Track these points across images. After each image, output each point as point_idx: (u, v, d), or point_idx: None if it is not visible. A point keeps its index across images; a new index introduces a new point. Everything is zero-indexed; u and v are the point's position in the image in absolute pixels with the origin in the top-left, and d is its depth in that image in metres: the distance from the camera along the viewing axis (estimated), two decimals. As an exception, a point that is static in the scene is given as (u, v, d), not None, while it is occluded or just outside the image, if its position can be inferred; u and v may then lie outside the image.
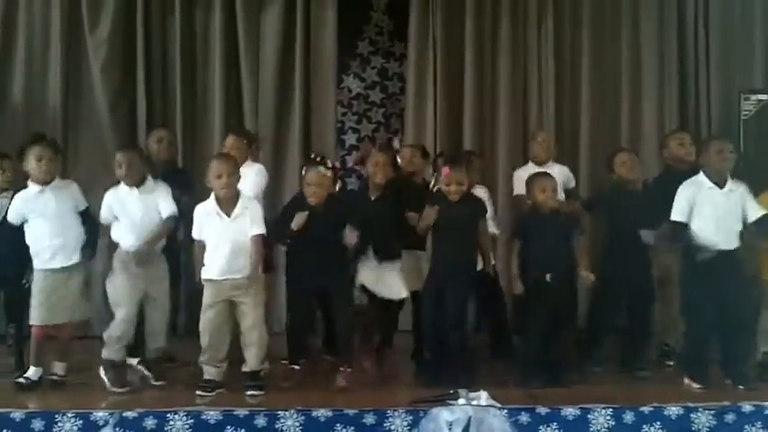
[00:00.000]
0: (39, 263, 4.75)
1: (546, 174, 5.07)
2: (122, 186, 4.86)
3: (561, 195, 5.62)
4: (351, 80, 7.23)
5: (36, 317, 4.71)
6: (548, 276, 4.77)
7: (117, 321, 4.74)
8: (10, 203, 5.07)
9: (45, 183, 4.77)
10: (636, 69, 6.97)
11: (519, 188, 5.73)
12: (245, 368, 4.66)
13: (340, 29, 6.84)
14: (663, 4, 6.98)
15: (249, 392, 4.55)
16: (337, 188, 5.28)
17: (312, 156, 5.42)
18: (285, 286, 5.14)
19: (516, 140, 6.82)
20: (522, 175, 5.66)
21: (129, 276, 4.76)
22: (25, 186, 4.84)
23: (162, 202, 4.83)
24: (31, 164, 4.76)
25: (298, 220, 4.77)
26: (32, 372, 4.72)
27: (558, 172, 5.72)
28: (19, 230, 4.81)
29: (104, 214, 4.86)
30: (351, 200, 5.19)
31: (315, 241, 4.80)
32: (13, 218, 4.81)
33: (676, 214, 4.82)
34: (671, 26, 6.97)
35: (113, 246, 4.90)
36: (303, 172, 4.98)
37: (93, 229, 4.90)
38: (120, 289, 4.76)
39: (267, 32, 6.80)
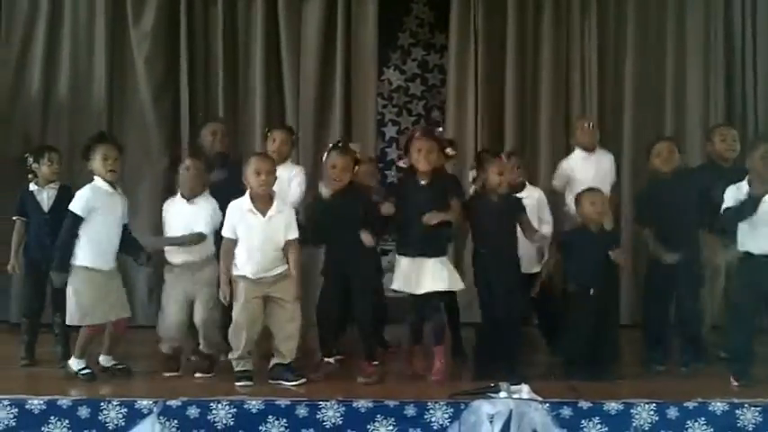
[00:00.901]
0: (90, 260, 4.76)
1: (598, 190, 4.98)
2: (177, 198, 5.00)
3: (611, 179, 5.66)
4: (391, 72, 7.23)
5: (87, 317, 4.75)
6: (591, 291, 4.77)
7: (166, 324, 4.92)
8: (56, 195, 5.22)
9: (113, 182, 4.85)
10: (681, 63, 6.85)
11: (560, 181, 5.67)
12: (278, 361, 4.68)
13: (380, 21, 6.82)
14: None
15: (289, 384, 4.58)
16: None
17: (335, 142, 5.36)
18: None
19: (559, 134, 6.75)
20: (568, 165, 5.62)
21: (174, 285, 4.93)
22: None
23: (202, 220, 4.91)
24: (97, 163, 4.81)
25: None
26: (78, 363, 4.79)
27: (608, 161, 5.72)
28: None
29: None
30: (396, 186, 5.03)
31: (338, 231, 4.77)
32: (81, 209, 4.75)
33: (727, 205, 4.71)
34: (717, 19, 6.83)
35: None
36: (324, 157, 4.91)
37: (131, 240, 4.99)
38: (167, 298, 4.95)
39: (308, 25, 6.81)
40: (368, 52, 6.83)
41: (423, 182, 4.76)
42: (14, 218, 5.34)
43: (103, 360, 4.93)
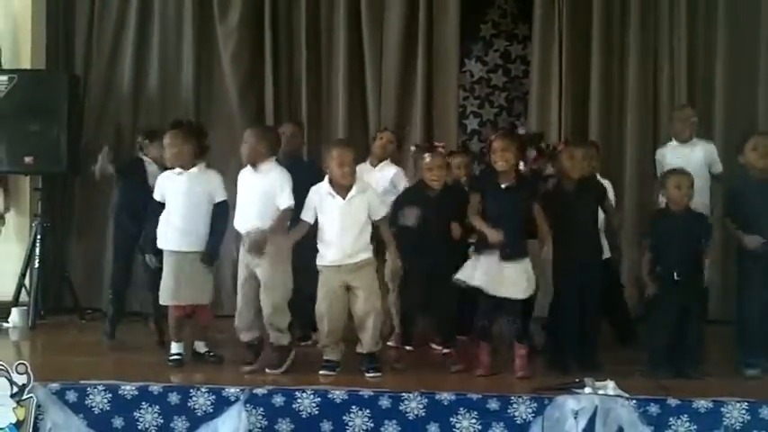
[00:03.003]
0: (164, 242, 4.89)
1: (683, 171, 4.83)
2: (247, 168, 4.87)
3: (704, 173, 5.46)
4: (473, 64, 7.20)
5: (163, 296, 4.90)
6: (675, 274, 4.62)
7: (237, 309, 4.87)
8: None
9: (180, 167, 4.90)
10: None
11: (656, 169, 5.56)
12: (360, 350, 4.72)
13: (463, 12, 6.79)
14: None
15: (369, 374, 4.61)
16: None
17: (422, 143, 5.43)
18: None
19: (646, 127, 6.60)
20: (661, 154, 5.56)
21: (241, 263, 4.83)
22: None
23: (278, 192, 4.73)
24: (164, 149, 4.96)
25: (411, 218, 4.80)
26: (174, 347, 4.91)
27: (703, 150, 5.55)
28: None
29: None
30: (480, 183, 4.93)
31: (432, 226, 4.81)
32: (156, 195, 4.99)
33: None
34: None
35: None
36: (415, 158, 5.00)
37: (220, 222, 4.91)
38: (239, 276, 4.87)
39: (390, 18, 6.84)
40: (450, 44, 6.81)
41: (504, 185, 4.70)
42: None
43: (196, 346, 5.02)
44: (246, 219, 4.76)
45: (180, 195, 4.88)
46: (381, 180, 5.54)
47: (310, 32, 6.88)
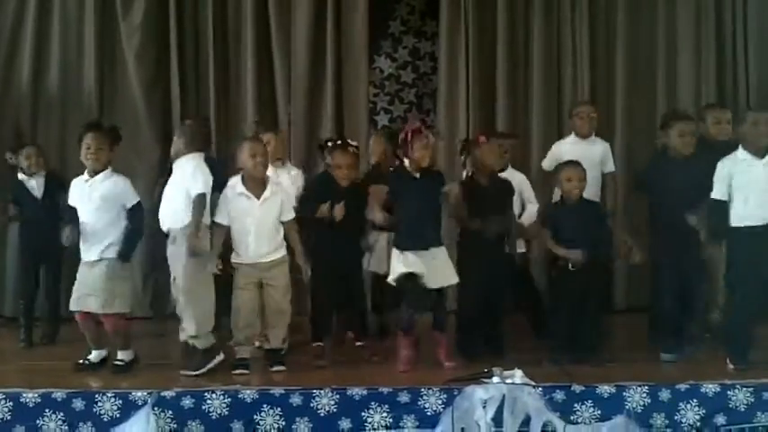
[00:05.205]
0: (80, 252, 4.79)
1: (574, 162, 4.98)
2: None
3: (600, 171, 5.61)
4: (382, 60, 7.22)
5: (71, 303, 4.78)
6: (570, 265, 4.76)
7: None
8: (44, 182, 5.50)
9: (94, 172, 4.78)
10: (672, 41, 6.84)
11: (549, 163, 5.67)
12: (267, 346, 4.79)
13: (371, 8, 6.80)
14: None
15: (274, 368, 4.68)
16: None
17: (334, 140, 5.44)
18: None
19: (551, 119, 6.76)
20: (559, 149, 5.64)
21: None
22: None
23: (190, 181, 4.67)
24: (82, 151, 4.80)
25: (322, 212, 4.86)
26: (94, 355, 4.83)
27: (600, 148, 5.70)
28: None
29: None
30: (396, 180, 4.90)
31: (342, 222, 4.88)
32: (70, 201, 4.85)
33: (715, 192, 4.70)
34: (708, 1, 6.80)
35: None
36: (326, 155, 5.06)
37: (134, 228, 4.82)
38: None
39: (299, 14, 6.79)
40: (359, 40, 6.81)
41: (417, 175, 4.76)
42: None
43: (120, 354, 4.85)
44: (166, 215, 4.74)
45: (86, 203, 4.77)
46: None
47: (217, 28, 6.78)
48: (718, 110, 5.61)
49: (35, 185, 5.54)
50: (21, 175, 5.59)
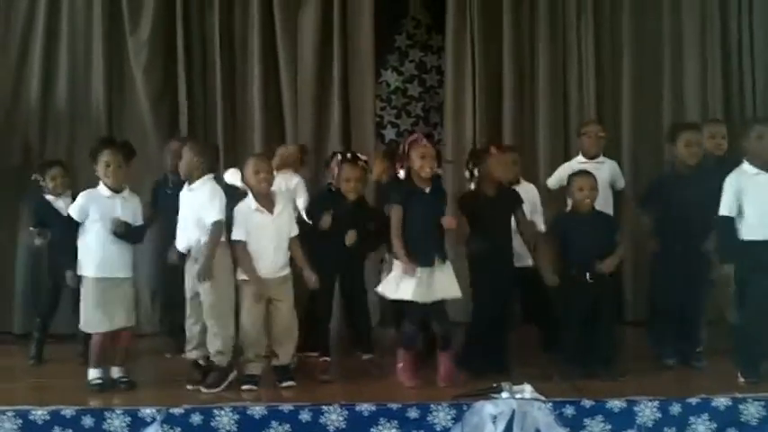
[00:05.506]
0: (92, 269, 4.72)
1: (585, 172, 4.98)
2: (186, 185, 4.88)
3: (611, 190, 5.60)
4: (389, 74, 7.24)
5: (91, 323, 4.73)
6: (587, 276, 4.74)
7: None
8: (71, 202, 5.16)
9: (115, 189, 4.78)
10: (678, 54, 6.83)
11: (554, 183, 5.67)
12: (276, 362, 4.77)
13: (377, 23, 6.81)
14: (706, -12, 6.84)
15: (284, 384, 4.67)
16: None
17: (344, 153, 5.45)
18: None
19: (557, 132, 6.76)
20: (566, 170, 5.59)
21: (187, 279, 4.84)
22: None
23: (207, 207, 4.69)
24: (101, 168, 4.78)
25: (326, 222, 4.88)
26: (90, 372, 4.75)
27: (609, 168, 5.66)
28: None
29: None
30: (403, 190, 4.79)
31: (344, 236, 4.92)
32: (76, 213, 4.77)
33: (723, 209, 4.67)
34: (713, 9, 6.81)
35: None
36: (336, 168, 5.02)
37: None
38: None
39: (305, 28, 6.81)
40: (365, 55, 6.81)
41: (426, 189, 4.68)
42: (32, 228, 5.48)
43: (111, 371, 4.82)
44: (183, 236, 4.77)
45: (107, 220, 4.73)
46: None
47: (224, 44, 6.78)
48: (714, 124, 5.60)
49: (62, 206, 5.35)
50: (48, 196, 5.48)
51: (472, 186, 5.12)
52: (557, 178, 5.71)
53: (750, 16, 6.79)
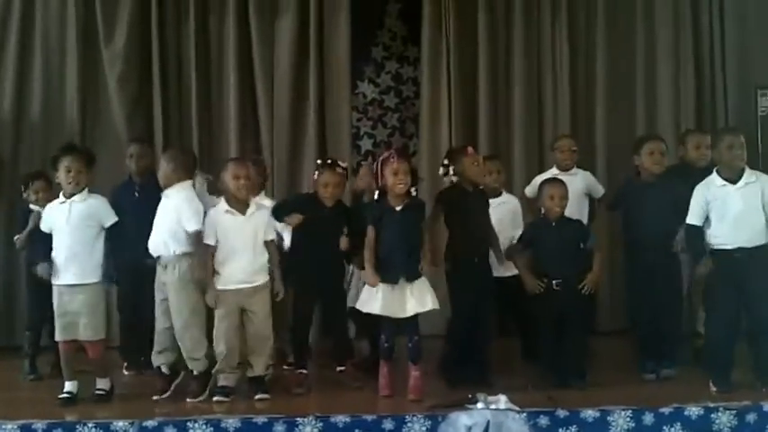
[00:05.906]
0: (54, 277, 4.70)
1: (557, 180, 5.03)
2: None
3: (586, 201, 5.64)
4: (365, 85, 7.26)
5: (56, 332, 4.70)
6: (554, 283, 4.77)
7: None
8: None
9: (71, 194, 4.72)
10: (651, 65, 6.91)
11: (531, 192, 5.70)
12: (250, 374, 4.73)
13: (353, 34, 6.84)
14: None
15: (258, 397, 4.63)
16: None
17: (324, 159, 5.42)
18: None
19: (532, 142, 6.81)
20: (539, 181, 5.64)
21: (156, 286, 4.85)
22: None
23: (184, 215, 4.68)
24: (62, 174, 4.74)
25: (293, 220, 4.86)
26: (68, 385, 4.68)
27: (582, 178, 5.69)
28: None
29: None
30: (376, 209, 4.79)
31: (322, 243, 4.87)
32: (43, 227, 4.80)
33: (691, 217, 4.74)
34: (686, 20, 6.89)
35: None
36: (316, 174, 5.01)
37: (114, 247, 4.76)
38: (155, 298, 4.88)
39: (281, 39, 6.82)
40: (341, 66, 6.84)
41: (398, 207, 4.67)
42: (17, 237, 5.43)
43: (99, 383, 4.75)
44: (157, 243, 4.73)
45: (64, 225, 4.69)
46: None
47: (200, 52, 6.78)
48: (699, 135, 5.64)
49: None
50: (33, 207, 5.40)
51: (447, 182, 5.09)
52: (533, 187, 5.74)
53: (721, 24, 6.87)
